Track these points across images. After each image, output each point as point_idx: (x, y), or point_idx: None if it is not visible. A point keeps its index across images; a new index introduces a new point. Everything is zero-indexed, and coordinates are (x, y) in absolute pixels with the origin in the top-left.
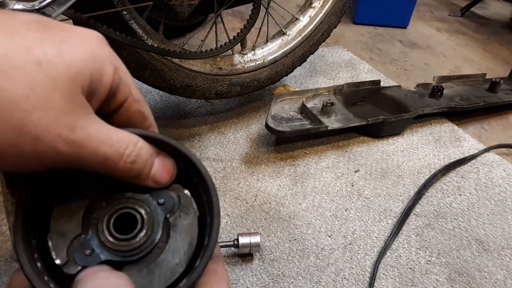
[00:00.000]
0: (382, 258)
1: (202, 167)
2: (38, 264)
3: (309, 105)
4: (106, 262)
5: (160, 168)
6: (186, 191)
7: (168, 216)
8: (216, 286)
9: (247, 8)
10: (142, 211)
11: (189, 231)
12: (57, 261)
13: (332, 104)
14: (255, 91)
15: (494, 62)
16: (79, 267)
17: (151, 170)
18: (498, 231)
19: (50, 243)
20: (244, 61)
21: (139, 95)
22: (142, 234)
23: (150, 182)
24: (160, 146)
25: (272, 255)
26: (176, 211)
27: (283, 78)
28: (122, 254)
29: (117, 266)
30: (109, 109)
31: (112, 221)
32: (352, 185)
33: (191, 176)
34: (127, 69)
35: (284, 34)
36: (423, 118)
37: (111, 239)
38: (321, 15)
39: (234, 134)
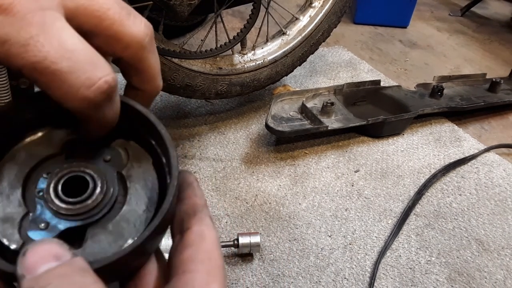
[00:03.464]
0: (382, 258)
1: (137, 105)
2: None
3: (309, 105)
4: (67, 231)
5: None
6: (132, 142)
7: (119, 170)
8: (206, 256)
9: (247, 8)
10: (90, 171)
11: (147, 177)
12: (13, 246)
13: (332, 104)
14: (255, 91)
15: (494, 62)
16: None
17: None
18: (498, 231)
19: None
20: (244, 61)
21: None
22: (97, 191)
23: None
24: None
25: (272, 255)
26: (126, 163)
27: (283, 78)
28: (81, 217)
29: (79, 231)
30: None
31: (60, 187)
32: (352, 185)
33: (132, 125)
34: None
35: (284, 34)
36: (423, 118)
37: (64, 206)
38: (321, 15)
39: (234, 134)
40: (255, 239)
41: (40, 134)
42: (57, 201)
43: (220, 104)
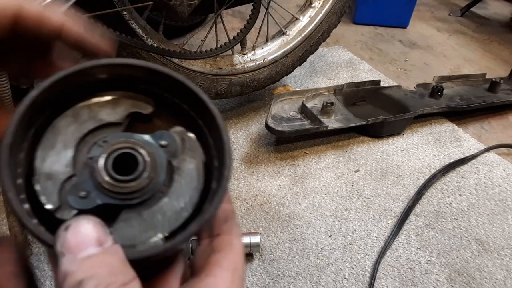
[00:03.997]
0: (382, 258)
1: (211, 104)
2: (26, 206)
3: (309, 105)
4: (103, 206)
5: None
6: (191, 135)
7: (171, 159)
8: (232, 266)
9: (247, 8)
10: (144, 152)
11: (195, 175)
12: (48, 206)
13: (332, 104)
14: (255, 91)
15: (494, 62)
16: (74, 211)
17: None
18: (498, 231)
19: (37, 187)
20: (244, 61)
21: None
22: (144, 175)
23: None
24: (161, 79)
25: (272, 255)
26: (180, 155)
27: (283, 78)
28: (121, 197)
29: (114, 210)
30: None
31: (110, 161)
32: (352, 185)
33: (197, 118)
34: None
35: (284, 34)
36: (423, 118)
37: (109, 180)
38: (321, 15)
39: (234, 134)
40: (255, 239)
41: (108, 98)
42: (103, 174)
43: (220, 104)
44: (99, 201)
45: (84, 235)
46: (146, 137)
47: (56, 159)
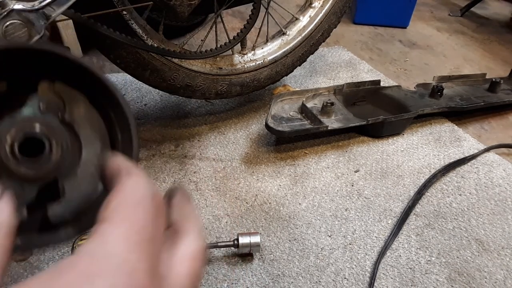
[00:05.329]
0: (382, 258)
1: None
2: None
3: (309, 105)
4: (40, 191)
5: None
6: (58, 83)
7: (61, 117)
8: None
9: (247, 8)
10: (40, 128)
11: (90, 116)
12: None
13: (332, 104)
14: (255, 91)
15: (494, 62)
16: None
17: None
18: (498, 231)
19: None
20: (244, 61)
21: None
22: (54, 149)
23: None
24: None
25: (272, 255)
26: (64, 107)
27: (283, 78)
28: (50, 175)
29: (52, 186)
30: None
31: (17, 152)
32: (352, 185)
33: (53, 67)
34: (128, 69)
35: (284, 34)
36: (423, 118)
37: (30, 172)
38: (321, 15)
39: (234, 134)
40: (255, 239)
41: None
42: (21, 169)
43: (220, 104)
44: (34, 192)
45: None
46: (26, 111)
47: None
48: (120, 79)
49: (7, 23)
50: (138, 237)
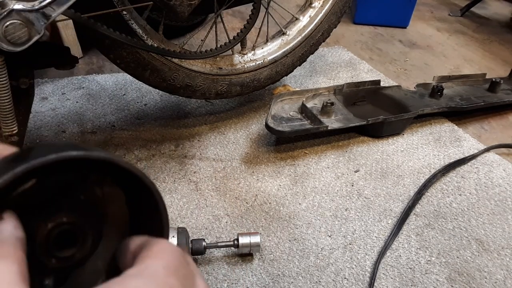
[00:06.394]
0: (382, 258)
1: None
2: None
3: (309, 105)
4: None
5: None
6: (106, 179)
7: (97, 209)
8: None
9: (247, 8)
10: (84, 225)
11: (122, 215)
12: None
13: (332, 104)
14: (255, 91)
15: (494, 62)
16: None
17: None
18: (498, 231)
19: None
20: (244, 61)
21: None
22: (87, 243)
23: None
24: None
25: (272, 255)
26: (102, 200)
27: (283, 78)
28: (70, 266)
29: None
30: None
31: (51, 240)
32: (352, 185)
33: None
34: (128, 69)
35: (284, 34)
36: (423, 118)
37: (56, 263)
38: (321, 15)
39: (234, 134)
40: (255, 239)
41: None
42: (52, 261)
43: (220, 104)
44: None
45: None
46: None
47: None
48: (120, 79)
49: (7, 23)
50: (174, 268)
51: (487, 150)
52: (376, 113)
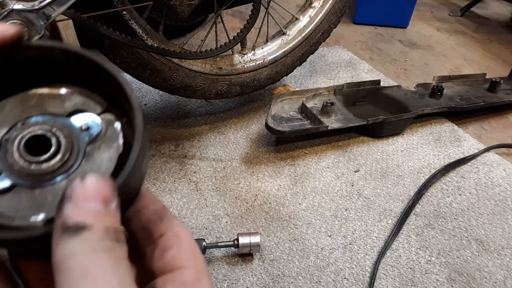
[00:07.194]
0: (382, 258)
1: (126, 86)
2: None
3: (309, 105)
4: (15, 186)
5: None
6: (117, 124)
7: (90, 142)
8: (191, 255)
9: (247, 8)
10: (60, 134)
11: (104, 166)
12: None
13: (332, 104)
14: (255, 91)
15: (494, 62)
16: None
17: None
18: (498, 231)
19: None
20: (244, 61)
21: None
22: (57, 158)
23: None
24: (80, 62)
25: (272, 255)
26: (98, 141)
27: (283, 78)
28: (33, 178)
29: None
30: None
31: (23, 142)
32: (352, 185)
33: (123, 104)
34: (128, 69)
35: (284, 34)
36: (423, 118)
37: (20, 162)
38: (321, 15)
39: (234, 134)
40: (255, 239)
41: (62, 90)
42: (16, 155)
43: (220, 104)
44: (8, 182)
45: (94, 189)
46: (69, 119)
47: None
48: None
49: (7, 23)
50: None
51: (487, 150)
52: (376, 113)
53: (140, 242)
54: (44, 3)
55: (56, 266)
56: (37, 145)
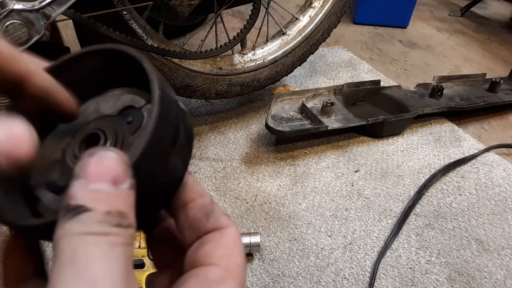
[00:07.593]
0: (382, 258)
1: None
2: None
3: (309, 105)
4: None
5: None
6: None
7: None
8: (225, 253)
9: (247, 8)
10: (107, 130)
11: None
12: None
13: (332, 104)
14: (255, 91)
15: (494, 62)
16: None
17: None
18: (498, 231)
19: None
20: (244, 61)
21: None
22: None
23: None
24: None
25: (272, 255)
26: (139, 131)
27: (283, 78)
28: None
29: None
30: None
31: (77, 145)
32: (352, 185)
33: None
34: None
35: (284, 34)
36: (423, 118)
37: (74, 162)
38: (321, 15)
39: (234, 134)
40: (255, 239)
41: (115, 93)
42: (71, 157)
43: (220, 104)
44: (63, 182)
45: (103, 168)
46: (119, 117)
47: (53, 145)
48: None
49: (7, 23)
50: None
51: (487, 150)
52: (376, 113)
53: (186, 241)
54: (44, 3)
55: (53, 247)
56: (90, 145)
